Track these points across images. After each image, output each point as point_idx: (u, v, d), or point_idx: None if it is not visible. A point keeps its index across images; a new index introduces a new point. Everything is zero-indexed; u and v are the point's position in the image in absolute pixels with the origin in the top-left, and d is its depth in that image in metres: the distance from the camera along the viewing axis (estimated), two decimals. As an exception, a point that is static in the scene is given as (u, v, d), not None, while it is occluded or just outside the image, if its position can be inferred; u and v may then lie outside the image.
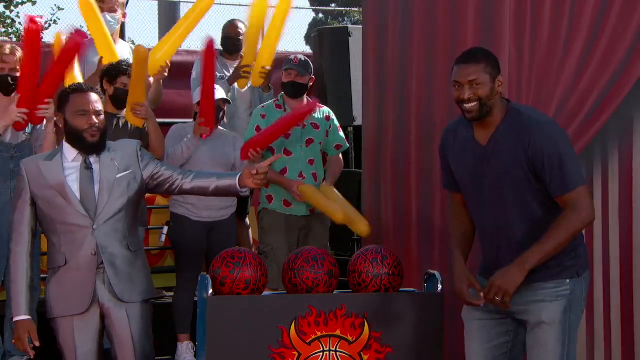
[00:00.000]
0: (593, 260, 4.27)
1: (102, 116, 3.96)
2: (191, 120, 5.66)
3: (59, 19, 14.46)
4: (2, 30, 14.39)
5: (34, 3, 14.56)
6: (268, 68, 5.95)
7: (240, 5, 5.92)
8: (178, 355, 5.54)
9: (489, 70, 3.53)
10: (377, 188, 5.44)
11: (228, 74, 6.19)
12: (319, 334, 3.97)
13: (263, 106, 5.70)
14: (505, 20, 4.35)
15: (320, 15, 24.49)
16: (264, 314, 3.96)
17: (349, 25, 9.07)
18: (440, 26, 4.84)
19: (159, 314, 4.63)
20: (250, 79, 6.05)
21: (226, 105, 5.66)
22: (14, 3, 14.46)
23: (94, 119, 3.90)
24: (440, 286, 4.08)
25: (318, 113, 5.71)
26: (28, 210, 3.91)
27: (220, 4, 13.66)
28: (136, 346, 3.95)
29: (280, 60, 6.01)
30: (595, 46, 4.14)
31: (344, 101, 7.04)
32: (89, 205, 3.89)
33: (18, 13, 14.57)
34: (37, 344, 3.87)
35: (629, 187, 4.18)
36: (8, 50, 5.19)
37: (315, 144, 5.61)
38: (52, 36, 5.23)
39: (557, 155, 3.44)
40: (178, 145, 5.47)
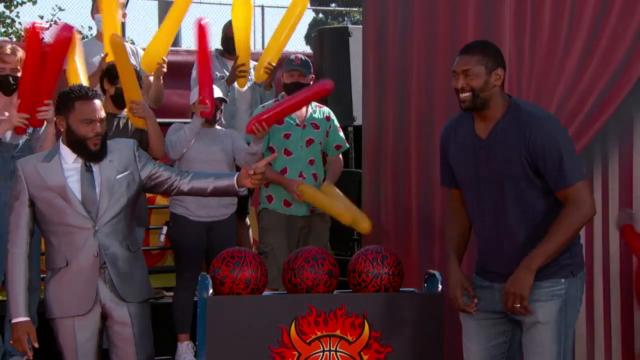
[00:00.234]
0: (593, 260, 4.27)
1: (104, 122, 3.98)
2: (190, 120, 5.65)
3: (59, 19, 14.49)
4: (2, 30, 14.39)
5: (35, 3, 14.57)
6: (274, 64, 5.95)
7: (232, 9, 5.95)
8: (178, 355, 5.53)
9: (485, 62, 3.54)
10: (377, 188, 5.44)
11: (228, 74, 6.20)
12: (319, 333, 3.97)
13: (263, 106, 5.70)
14: (505, 20, 4.35)
15: (320, 15, 24.51)
16: (264, 314, 3.96)
17: (349, 25, 9.06)
18: (440, 26, 4.84)
19: (159, 314, 4.64)
20: (254, 74, 6.06)
21: (223, 104, 5.65)
22: (14, 3, 14.45)
23: (98, 127, 3.90)
24: (440, 286, 4.07)
25: (318, 113, 5.71)
26: (26, 211, 3.89)
27: (220, 4, 13.70)
28: (138, 345, 3.95)
29: (280, 60, 6.00)
30: (595, 46, 4.14)
31: (344, 101, 7.04)
32: (90, 207, 3.89)
33: (18, 13, 14.59)
34: (36, 345, 3.86)
35: (629, 187, 4.18)
36: (9, 50, 5.18)
37: (315, 144, 5.61)
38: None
39: (557, 150, 3.44)
40: (181, 131, 5.45)
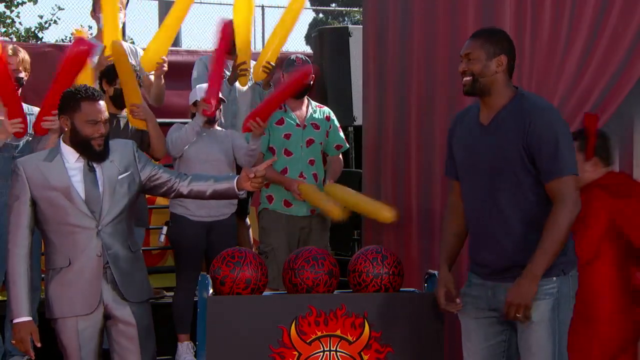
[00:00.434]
0: (593, 260, 4.27)
1: (108, 123, 4.00)
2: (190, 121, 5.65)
3: (59, 19, 14.50)
4: (2, 30, 14.39)
5: (35, 2, 14.55)
6: (272, 64, 5.95)
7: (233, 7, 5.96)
8: (178, 355, 5.53)
9: (487, 47, 3.58)
10: (377, 188, 5.44)
11: (229, 73, 6.20)
12: (319, 333, 3.97)
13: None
14: (505, 20, 4.35)
15: (321, 15, 24.52)
16: (264, 314, 3.96)
17: (349, 25, 9.06)
18: (440, 26, 4.84)
19: (159, 314, 4.64)
20: (252, 73, 6.06)
21: (222, 104, 5.65)
22: (15, 3, 14.44)
23: (102, 128, 3.92)
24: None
25: (318, 113, 5.71)
26: (27, 210, 3.88)
27: (220, 4, 13.71)
28: (141, 345, 3.96)
29: (281, 61, 6.00)
30: (595, 46, 4.14)
31: (344, 101, 7.04)
32: (94, 207, 3.90)
33: (18, 13, 14.59)
34: (39, 345, 3.85)
35: (630, 187, 4.17)
36: (11, 51, 5.17)
37: (315, 145, 5.61)
38: (53, 36, 5.21)
39: (554, 140, 3.45)
40: (182, 129, 5.45)
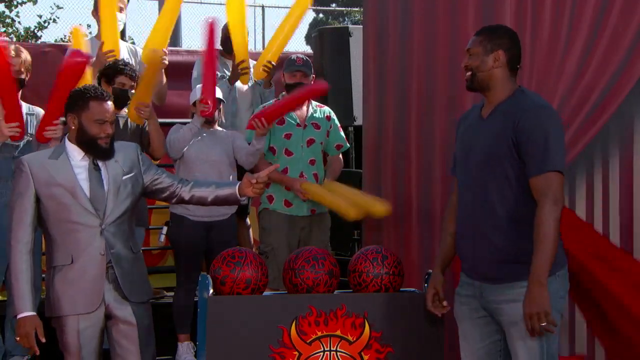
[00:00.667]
0: (593, 260, 4.27)
1: (114, 123, 4.03)
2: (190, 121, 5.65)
3: (58, 18, 14.49)
4: (2, 30, 14.39)
5: (35, 3, 14.55)
6: (272, 63, 5.95)
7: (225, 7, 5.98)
8: (178, 355, 5.53)
9: (485, 43, 3.63)
10: (377, 188, 5.43)
11: (229, 73, 6.20)
12: (319, 333, 3.97)
13: (264, 106, 5.70)
14: (505, 20, 4.35)
15: (321, 15, 24.51)
16: (265, 314, 3.96)
17: (350, 25, 9.06)
18: (440, 26, 4.84)
19: (159, 314, 4.64)
20: (253, 72, 6.06)
21: (222, 104, 5.65)
22: (14, 3, 14.44)
23: (109, 128, 3.95)
24: (440, 286, 4.07)
25: (319, 113, 5.71)
26: (31, 207, 3.89)
27: (220, 4, 13.69)
28: (142, 345, 3.96)
29: (281, 60, 6.00)
30: (595, 45, 4.14)
31: (345, 101, 7.04)
32: (98, 205, 3.91)
33: (18, 13, 14.58)
34: (44, 340, 3.84)
35: (630, 187, 4.17)
36: (13, 52, 5.17)
37: (316, 144, 5.61)
38: (52, 35, 5.23)
39: (543, 138, 3.46)
40: (181, 129, 5.46)
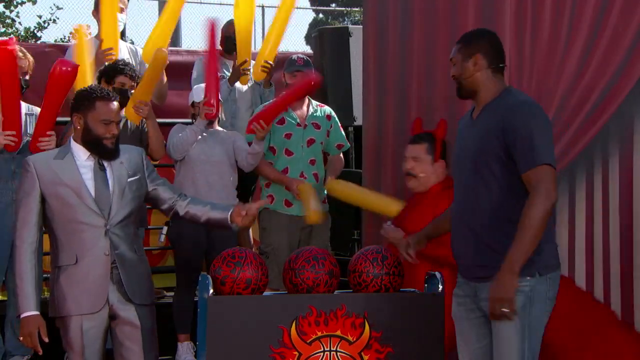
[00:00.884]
0: (593, 260, 4.27)
1: (119, 124, 4.05)
2: (189, 121, 5.65)
3: (58, 18, 14.48)
4: (2, 30, 14.38)
5: (34, 3, 14.54)
6: (270, 62, 5.95)
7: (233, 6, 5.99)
8: (178, 355, 5.53)
9: (462, 50, 3.69)
10: (377, 188, 5.43)
11: (229, 73, 6.20)
12: (319, 334, 3.96)
13: (264, 105, 5.70)
14: (505, 20, 4.36)
15: (321, 15, 24.49)
16: (265, 314, 3.95)
17: (350, 25, 9.06)
18: (440, 26, 4.84)
19: (159, 314, 4.63)
20: (252, 73, 6.07)
21: (221, 104, 5.65)
22: (14, 3, 14.43)
23: (115, 128, 3.96)
24: (440, 286, 4.07)
25: (319, 112, 5.71)
26: (37, 206, 3.89)
27: (220, 4, 13.70)
28: (145, 347, 3.97)
29: (281, 60, 6.00)
30: (595, 45, 4.14)
31: (345, 101, 7.04)
32: (103, 206, 3.92)
33: (18, 13, 14.57)
34: (47, 340, 3.84)
35: (630, 187, 4.17)
36: (20, 54, 5.18)
37: (316, 144, 5.61)
38: (52, 35, 5.24)
39: (529, 134, 3.47)
40: (183, 132, 5.46)
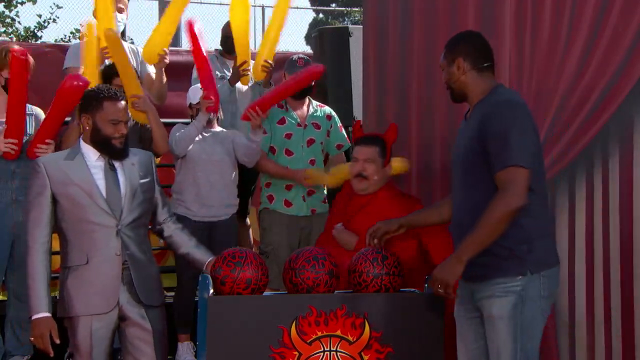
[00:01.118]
0: (593, 260, 4.27)
1: (128, 123, 4.06)
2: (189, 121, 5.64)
3: (58, 18, 14.47)
4: (2, 30, 14.38)
5: (35, 2, 14.53)
6: (270, 62, 5.96)
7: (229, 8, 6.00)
8: (178, 355, 5.53)
9: (446, 55, 3.75)
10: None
11: (228, 74, 6.20)
12: (319, 334, 3.97)
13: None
14: (505, 20, 4.35)
15: (321, 15, 24.50)
16: (265, 314, 3.95)
17: (350, 25, 9.06)
18: (440, 26, 4.84)
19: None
20: (252, 73, 6.07)
21: (220, 106, 5.65)
22: (14, 2, 14.43)
23: (123, 128, 3.98)
24: (440, 286, 4.07)
25: (319, 112, 5.71)
26: (48, 207, 3.90)
27: (220, 4, 13.70)
28: (156, 348, 3.99)
29: (282, 60, 6.00)
30: (595, 45, 4.14)
31: (345, 101, 7.04)
32: (114, 205, 3.93)
33: (18, 12, 14.56)
34: (58, 341, 3.84)
35: (630, 186, 4.17)
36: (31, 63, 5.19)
37: (316, 144, 5.62)
38: (52, 35, 5.24)
39: (504, 133, 3.47)
40: (186, 127, 5.46)
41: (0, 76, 5.16)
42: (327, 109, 5.79)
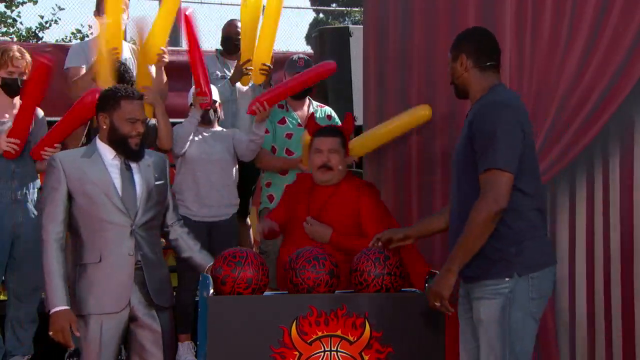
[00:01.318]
0: (594, 260, 4.27)
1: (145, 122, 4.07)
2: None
3: (59, 19, 14.46)
4: (3, 30, 14.37)
5: (35, 3, 14.53)
6: (268, 65, 5.95)
7: (240, 5, 5.97)
8: (179, 355, 5.52)
9: (452, 51, 3.75)
10: (378, 188, 5.42)
11: (229, 73, 6.20)
12: (320, 334, 3.96)
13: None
14: (506, 20, 4.35)
15: (321, 15, 24.47)
16: (265, 313, 3.95)
17: (350, 25, 9.06)
18: (440, 26, 4.84)
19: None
20: (252, 76, 6.07)
21: (219, 105, 5.63)
22: (15, 3, 14.42)
23: (140, 126, 3.98)
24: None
25: (320, 113, 5.71)
26: (63, 202, 3.89)
27: (220, 4, 13.70)
28: (165, 350, 4.00)
29: (282, 60, 6.00)
30: (596, 45, 4.14)
31: (345, 101, 7.03)
32: (129, 205, 3.94)
33: (19, 13, 14.56)
34: (78, 334, 3.82)
35: (630, 186, 4.18)
36: (18, 54, 5.17)
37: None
38: (54, 35, 5.24)
39: (490, 134, 3.44)
40: (182, 124, 5.47)
41: None
42: (328, 109, 5.78)
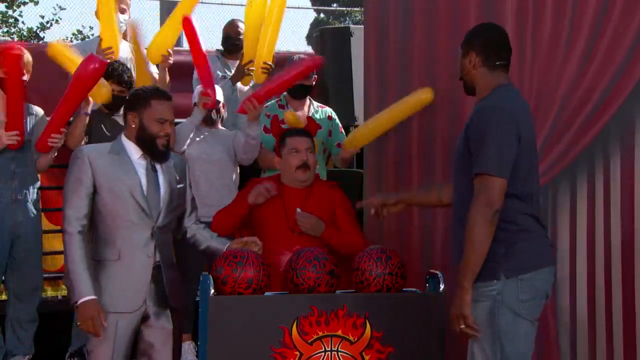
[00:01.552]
0: (595, 260, 4.27)
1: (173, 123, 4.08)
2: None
3: (60, 19, 14.47)
4: (4, 30, 14.39)
5: (37, 3, 14.54)
6: (269, 63, 5.96)
7: (241, 5, 5.96)
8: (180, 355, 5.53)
9: (463, 46, 3.68)
10: (379, 188, 5.43)
11: (230, 73, 6.19)
12: (320, 334, 3.97)
13: (267, 105, 5.70)
14: (506, 20, 4.35)
15: (322, 15, 24.47)
16: (266, 314, 3.96)
17: (351, 25, 9.07)
18: (441, 26, 4.84)
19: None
20: (253, 76, 6.06)
21: (222, 105, 5.64)
22: (16, 3, 14.43)
23: (169, 128, 3.99)
24: (441, 286, 4.07)
25: (320, 113, 5.71)
26: (87, 196, 3.86)
27: (220, 4, 13.69)
28: (174, 350, 4.00)
29: (283, 60, 5.99)
30: (596, 45, 4.14)
31: (346, 101, 7.04)
32: (152, 206, 3.93)
33: (20, 12, 14.57)
34: (106, 324, 3.78)
35: (631, 186, 4.18)
36: (27, 59, 5.18)
37: (317, 144, 5.61)
38: (54, 36, 5.24)
39: (482, 138, 3.42)
40: (182, 123, 5.47)
41: None
42: (328, 110, 5.79)
